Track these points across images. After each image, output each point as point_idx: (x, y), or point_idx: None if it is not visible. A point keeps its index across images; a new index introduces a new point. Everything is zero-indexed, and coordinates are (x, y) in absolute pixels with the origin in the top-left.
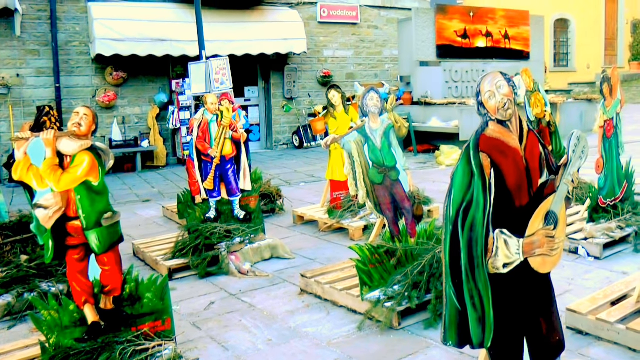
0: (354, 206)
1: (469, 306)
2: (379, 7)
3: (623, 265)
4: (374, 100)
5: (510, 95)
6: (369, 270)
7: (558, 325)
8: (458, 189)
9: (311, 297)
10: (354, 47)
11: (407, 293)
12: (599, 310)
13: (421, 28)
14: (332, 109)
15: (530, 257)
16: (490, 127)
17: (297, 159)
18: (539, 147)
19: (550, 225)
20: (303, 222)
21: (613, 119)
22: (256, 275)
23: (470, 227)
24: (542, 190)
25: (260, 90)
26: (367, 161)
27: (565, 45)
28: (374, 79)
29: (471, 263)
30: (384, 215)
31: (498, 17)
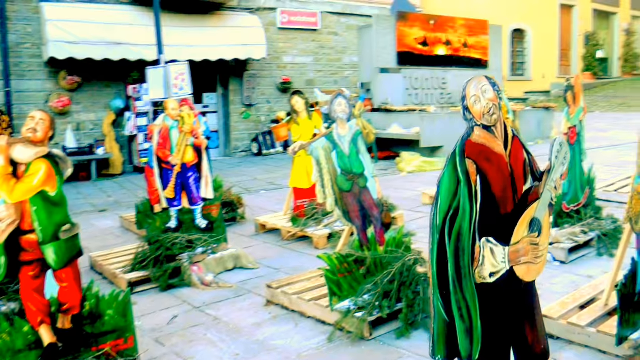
0: (317, 214)
1: (457, 318)
2: (339, 14)
3: (588, 268)
4: (342, 106)
5: (495, 100)
6: (338, 280)
7: (543, 334)
8: (444, 197)
9: (278, 308)
10: (314, 53)
11: (378, 302)
12: (570, 314)
13: (382, 35)
14: (296, 115)
15: (516, 265)
16: (476, 132)
17: (257, 166)
18: (523, 153)
19: (535, 232)
20: (265, 230)
21: (576, 127)
22: (220, 286)
23: (457, 236)
24: (527, 197)
25: (218, 96)
26: (335, 168)
27: (522, 55)
28: (334, 85)
29: (458, 273)
30: (353, 223)
31: (458, 26)
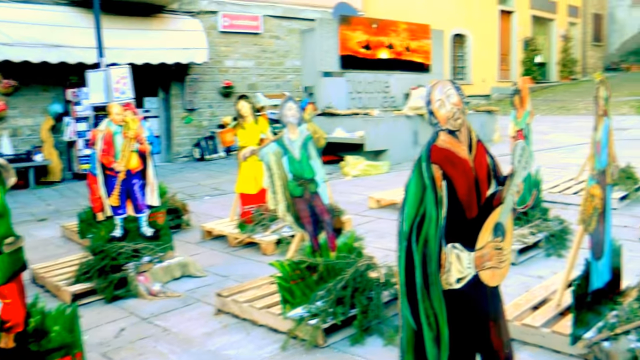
0: (265, 220)
1: (424, 326)
2: (281, 17)
3: (537, 269)
4: (292, 110)
5: (459, 104)
6: (290, 287)
7: (508, 339)
8: (411, 203)
9: (228, 317)
10: (255, 57)
11: (332, 309)
12: (523, 315)
13: (325, 39)
14: (242, 120)
15: (481, 270)
16: (441, 137)
17: (199, 171)
18: (487, 157)
19: (499, 237)
20: (212, 237)
21: (523, 129)
22: (167, 296)
23: (424, 242)
24: (491, 202)
25: (160, 100)
26: (286, 173)
27: (463, 59)
28: (276, 89)
29: (426, 280)
30: (304, 229)
31: (400, 30)
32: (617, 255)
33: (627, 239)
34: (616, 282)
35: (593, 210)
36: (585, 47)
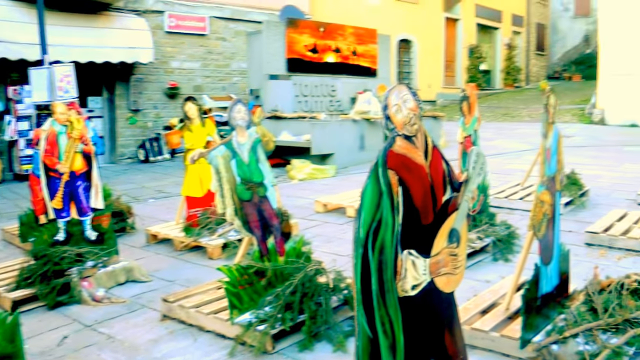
0: (211, 223)
1: (380, 334)
2: (227, 19)
3: (485, 274)
4: (241, 113)
5: (415, 109)
6: (238, 292)
7: (462, 344)
8: (367, 209)
9: (175, 323)
10: (201, 58)
11: (280, 314)
12: (472, 319)
13: (272, 41)
14: (189, 122)
15: (436, 276)
16: (397, 142)
17: (144, 173)
18: (443, 163)
19: (454, 243)
20: (157, 241)
21: (471, 136)
22: (112, 302)
23: (380, 249)
24: (446, 208)
25: (104, 100)
26: (234, 177)
27: (409, 64)
28: (222, 91)
29: (382, 287)
30: (253, 233)
31: (347, 34)
32: (565, 260)
33: (573, 243)
34: (564, 286)
35: (543, 216)
36: (529, 55)
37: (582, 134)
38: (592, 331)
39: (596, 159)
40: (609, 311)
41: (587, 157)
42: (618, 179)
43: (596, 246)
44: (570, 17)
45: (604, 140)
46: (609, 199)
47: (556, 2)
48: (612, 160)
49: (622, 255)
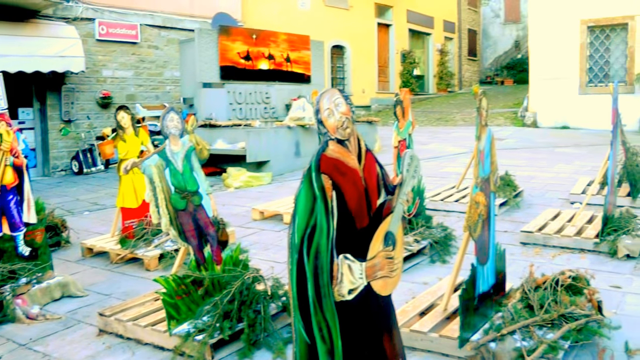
0: (147, 234)
1: (318, 339)
2: (159, 27)
3: (422, 276)
4: (174, 121)
5: (348, 113)
6: (175, 303)
7: (401, 347)
8: (302, 214)
9: (112, 337)
10: (134, 67)
11: (218, 324)
12: (411, 321)
13: (204, 49)
14: (122, 131)
15: (373, 280)
16: (330, 147)
17: (78, 185)
18: (376, 166)
19: (390, 246)
20: (93, 254)
21: (406, 140)
22: (47, 318)
23: (316, 254)
24: (381, 211)
25: (35, 111)
26: (169, 186)
27: (342, 70)
28: (155, 100)
29: (318, 293)
30: (189, 242)
31: (280, 41)
32: (501, 260)
33: (508, 243)
34: (501, 285)
35: (478, 216)
36: (461, 60)
37: (515, 136)
38: (529, 327)
39: (530, 161)
40: (544, 307)
41: (521, 159)
42: (551, 179)
43: (531, 245)
44: (501, 23)
45: (537, 142)
46: (542, 199)
47: (487, 8)
48: (545, 161)
49: (556, 252)
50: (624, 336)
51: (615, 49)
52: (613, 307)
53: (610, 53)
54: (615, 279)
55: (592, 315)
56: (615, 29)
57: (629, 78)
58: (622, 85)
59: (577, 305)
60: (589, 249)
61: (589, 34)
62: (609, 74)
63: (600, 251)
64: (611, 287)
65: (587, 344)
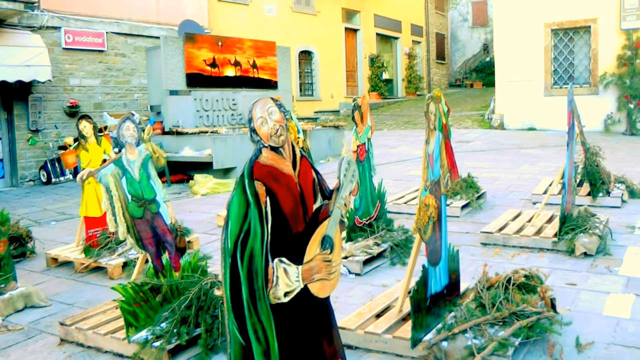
0: (111, 243)
1: (253, 340)
2: (125, 35)
3: (382, 278)
4: (130, 130)
5: (282, 121)
6: (134, 310)
7: (340, 349)
8: (234, 220)
9: (73, 346)
10: (101, 75)
11: (176, 329)
12: (366, 323)
13: (170, 57)
14: (84, 141)
15: (310, 282)
16: (264, 154)
17: (46, 195)
18: (312, 172)
19: (327, 249)
20: (57, 264)
21: (365, 144)
22: (9, 329)
23: (250, 258)
24: (317, 216)
25: (2, 121)
26: (125, 194)
27: (310, 75)
28: (123, 108)
29: (252, 296)
30: (146, 250)
31: (246, 47)
32: (454, 260)
33: (469, 244)
34: (455, 285)
35: (428, 218)
36: (430, 64)
37: (482, 138)
38: (480, 326)
39: (495, 162)
40: (496, 306)
41: (486, 161)
42: (515, 180)
43: (491, 245)
44: (469, 27)
45: (503, 144)
46: (505, 200)
47: (455, 12)
48: (510, 162)
49: (515, 252)
50: (576, 332)
51: (579, 51)
52: (567, 304)
53: (574, 55)
54: (572, 276)
55: (543, 313)
56: (579, 31)
57: (593, 80)
58: (587, 87)
59: (529, 303)
60: (548, 248)
61: (553, 37)
62: (573, 75)
63: (558, 250)
64: (567, 284)
65: (539, 341)
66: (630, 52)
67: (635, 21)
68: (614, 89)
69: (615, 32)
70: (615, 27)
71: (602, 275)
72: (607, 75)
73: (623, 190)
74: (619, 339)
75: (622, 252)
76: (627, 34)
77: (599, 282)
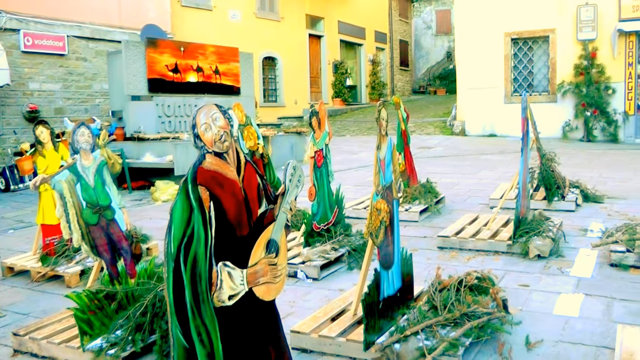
0: (69, 251)
1: (196, 343)
2: (87, 38)
3: (339, 283)
4: (84, 136)
5: (226, 127)
6: (88, 318)
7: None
8: (178, 225)
9: (27, 357)
10: (62, 79)
11: (131, 337)
12: (321, 327)
13: (132, 61)
14: (41, 147)
15: (255, 286)
16: (208, 159)
17: (4, 203)
18: (257, 177)
19: (272, 253)
20: (14, 273)
21: (322, 150)
22: None
23: (193, 262)
24: (262, 220)
25: None
26: (80, 201)
27: (274, 81)
28: (85, 114)
29: (196, 299)
30: (101, 257)
31: (208, 53)
32: (407, 264)
33: (426, 248)
34: (409, 288)
35: (380, 223)
36: (393, 71)
37: (443, 144)
38: (432, 327)
39: (455, 168)
40: (447, 307)
41: (447, 167)
42: (474, 185)
43: (448, 249)
44: (433, 35)
45: (464, 150)
46: (464, 204)
47: (419, 20)
48: (470, 168)
49: (471, 256)
50: (526, 331)
51: (538, 60)
52: (519, 305)
53: (534, 64)
54: (525, 278)
55: (494, 313)
56: (538, 41)
57: (552, 88)
58: (546, 95)
59: (480, 304)
60: (503, 250)
61: (512, 46)
62: (532, 84)
63: (513, 253)
64: (520, 285)
65: (490, 340)
66: (587, 62)
67: (591, 32)
68: (571, 97)
69: (573, 42)
70: (572, 37)
71: (554, 276)
72: (564, 83)
73: (577, 194)
74: (566, 337)
75: (574, 254)
76: (584, 45)
77: (550, 282)
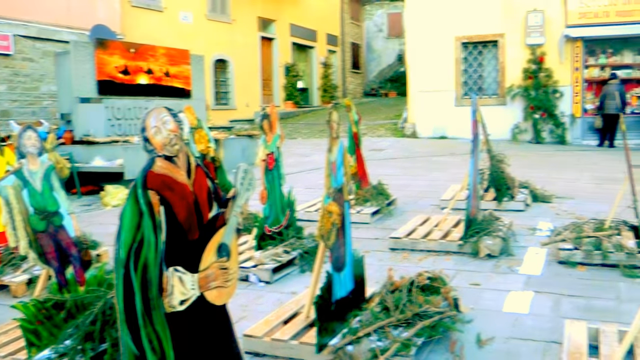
0: (15, 259)
1: (147, 350)
2: (34, 38)
3: (291, 286)
4: (31, 139)
5: (176, 130)
6: (36, 329)
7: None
8: (127, 230)
9: None
10: (7, 81)
11: (81, 346)
12: (274, 330)
13: (80, 62)
14: None
15: (207, 290)
16: (158, 163)
17: None
18: (207, 181)
19: (224, 257)
20: None
21: (274, 153)
22: None
23: (143, 268)
24: (213, 224)
25: None
26: (27, 207)
27: (225, 84)
28: (32, 116)
29: (147, 305)
30: (50, 265)
31: (159, 55)
32: (359, 266)
33: (378, 249)
34: (361, 290)
35: (332, 225)
36: (345, 73)
37: (394, 146)
38: (385, 328)
39: (407, 170)
40: (399, 308)
41: (398, 168)
42: (425, 186)
43: (400, 250)
44: (385, 38)
45: (415, 152)
46: (415, 206)
47: (370, 23)
48: (421, 170)
49: (423, 256)
50: (478, 329)
51: (488, 64)
52: (471, 303)
53: (484, 68)
54: (476, 277)
55: (446, 312)
56: (487, 45)
57: (501, 91)
58: (495, 98)
59: (432, 304)
60: (454, 250)
61: (463, 50)
62: (482, 87)
63: (464, 252)
64: (471, 284)
65: (442, 339)
66: (535, 66)
67: (539, 37)
68: (520, 100)
69: (521, 46)
70: (521, 42)
71: (505, 274)
72: (514, 87)
73: (527, 194)
74: (517, 333)
75: (523, 252)
76: (532, 49)
77: (501, 281)
